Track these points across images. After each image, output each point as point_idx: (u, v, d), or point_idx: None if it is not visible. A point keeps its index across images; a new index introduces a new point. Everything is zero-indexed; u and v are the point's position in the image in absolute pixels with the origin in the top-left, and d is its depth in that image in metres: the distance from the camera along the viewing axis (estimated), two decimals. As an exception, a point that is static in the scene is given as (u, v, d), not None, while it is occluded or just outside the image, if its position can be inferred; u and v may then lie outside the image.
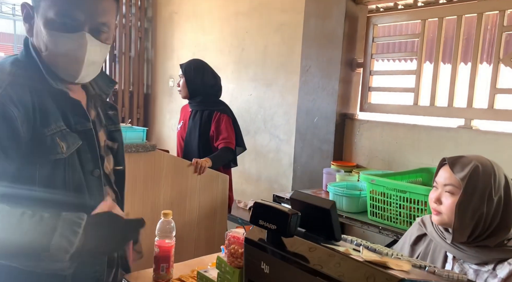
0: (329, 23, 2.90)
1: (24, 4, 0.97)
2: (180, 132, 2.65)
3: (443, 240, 1.21)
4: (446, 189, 1.19)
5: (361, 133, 2.86)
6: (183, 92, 2.58)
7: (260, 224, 0.92)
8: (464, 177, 1.14)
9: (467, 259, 1.16)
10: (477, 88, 2.39)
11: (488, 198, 1.13)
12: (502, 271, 1.10)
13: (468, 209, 1.13)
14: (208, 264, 1.37)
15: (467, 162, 1.16)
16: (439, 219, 1.20)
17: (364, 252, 0.86)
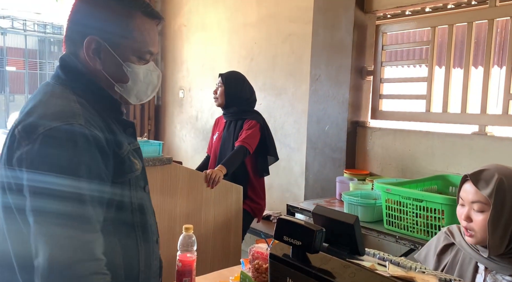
0: (338, 33, 2.91)
1: (94, 39, 0.95)
2: (215, 143, 2.70)
3: (475, 252, 1.19)
4: (474, 206, 1.17)
5: (373, 141, 2.86)
6: (219, 100, 2.62)
7: (284, 240, 0.92)
8: (491, 194, 1.12)
9: (500, 270, 1.15)
10: (490, 93, 2.39)
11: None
12: None
13: (500, 224, 1.12)
14: (230, 278, 1.38)
15: (490, 175, 1.15)
16: (474, 240, 1.18)
17: (390, 267, 0.86)
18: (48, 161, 0.83)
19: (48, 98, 0.94)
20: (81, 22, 0.98)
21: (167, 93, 4.87)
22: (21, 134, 0.86)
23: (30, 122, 0.87)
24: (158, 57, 4.93)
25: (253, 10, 3.71)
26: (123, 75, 1.00)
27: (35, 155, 0.83)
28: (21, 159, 0.84)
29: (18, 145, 0.86)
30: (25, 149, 0.84)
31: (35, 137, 0.84)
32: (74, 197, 0.83)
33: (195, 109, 4.45)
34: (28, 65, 7.85)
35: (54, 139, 0.84)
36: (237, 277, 1.25)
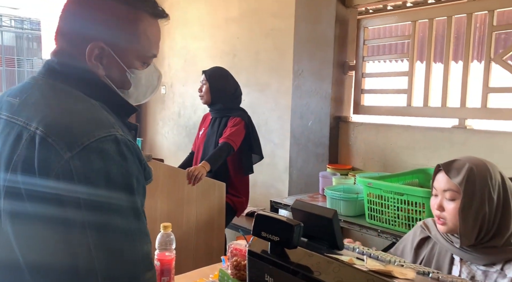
0: (320, 27, 2.91)
1: (98, 46, 0.89)
2: (200, 140, 2.67)
3: (449, 243, 1.21)
4: (446, 195, 1.19)
5: (355, 135, 2.87)
6: (205, 98, 2.59)
7: (262, 236, 0.91)
8: (461, 181, 1.14)
9: (474, 261, 1.16)
10: (470, 87, 2.41)
11: (488, 198, 1.13)
12: (511, 271, 1.10)
13: (471, 212, 1.13)
14: (210, 276, 1.36)
15: (461, 165, 1.17)
16: (445, 228, 1.20)
17: (368, 260, 0.85)
18: (103, 175, 0.77)
19: (69, 101, 0.86)
20: (83, 25, 0.91)
21: (149, 89, 4.80)
22: (56, 142, 0.78)
23: (65, 129, 0.79)
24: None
25: (235, 5, 3.67)
26: (125, 82, 0.95)
27: (87, 169, 0.77)
28: (67, 170, 0.76)
29: (51, 153, 0.77)
30: (70, 160, 0.76)
31: (79, 148, 0.77)
32: (131, 211, 0.80)
33: (178, 105, 4.39)
34: (5, 62, 7.65)
35: (103, 152, 0.79)
36: (216, 275, 1.23)
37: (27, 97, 0.88)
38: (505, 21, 2.50)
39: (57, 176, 0.77)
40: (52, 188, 0.78)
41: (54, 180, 0.77)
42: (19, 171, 0.80)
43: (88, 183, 0.77)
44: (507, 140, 2.20)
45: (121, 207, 0.79)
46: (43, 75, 0.92)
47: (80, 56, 0.91)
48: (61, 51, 0.93)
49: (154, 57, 1.00)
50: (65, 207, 0.77)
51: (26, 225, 0.82)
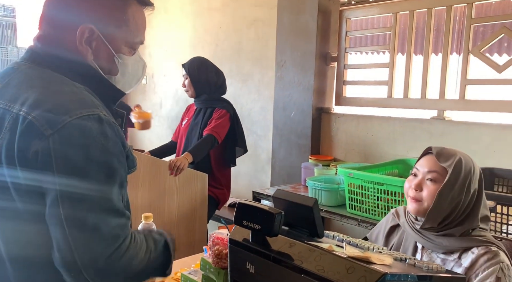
0: (302, 18, 2.91)
1: (88, 28, 0.88)
2: (183, 130, 2.64)
3: (412, 230, 1.24)
4: (428, 176, 1.20)
5: (337, 127, 2.90)
6: (190, 92, 2.57)
7: (244, 225, 0.91)
8: (450, 165, 1.17)
9: (434, 249, 1.20)
10: (449, 79, 2.46)
11: (466, 189, 1.17)
12: (466, 260, 1.14)
13: (448, 197, 1.16)
14: (191, 265, 1.36)
15: (451, 153, 1.21)
16: (418, 207, 1.21)
17: (347, 248, 0.87)
18: (81, 151, 0.77)
19: (52, 83, 0.86)
20: (72, 8, 0.90)
21: (130, 80, 4.73)
22: (38, 121, 0.78)
23: (48, 108, 0.79)
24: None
25: (218, -6, 3.64)
26: (113, 68, 0.95)
27: (66, 145, 0.77)
28: (45, 146, 0.77)
29: (33, 131, 0.77)
30: (50, 137, 0.76)
31: (60, 125, 0.77)
32: (108, 191, 0.80)
33: (159, 96, 4.34)
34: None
35: (85, 129, 0.78)
36: (198, 264, 1.23)
37: (9, 81, 0.88)
38: (484, 14, 2.55)
39: (36, 153, 0.77)
40: (30, 167, 0.78)
41: (32, 157, 0.77)
42: (3, 155, 0.80)
43: (66, 159, 0.77)
44: (484, 131, 2.25)
45: (96, 186, 0.79)
46: (26, 60, 0.91)
47: (67, 40, 0.90)
48: (46, 36, 0.92)
49: (141, 43, 0.99)
50: (42, 183, 0.78)
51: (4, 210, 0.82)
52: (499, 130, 2.20)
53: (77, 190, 0.77)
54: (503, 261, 1.12)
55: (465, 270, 1.13)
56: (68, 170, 0.77)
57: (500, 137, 2.19)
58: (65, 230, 0.76)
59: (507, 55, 2.64)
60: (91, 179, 0.78)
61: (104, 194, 0.80)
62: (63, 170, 0.77)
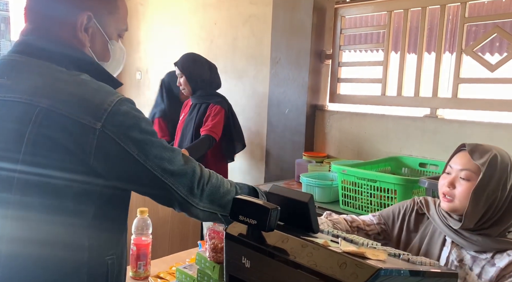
0: (298, 15, 2.91)
1: (86, 15, 0.91)
2: (179, 126, 2.65)
3: (445, 225, 1.21)
4: (462, 174, 1.18)
5: (331, 124, 2.91)
6: (186, 90, 2.57)
7: (240, 219, 0.92)
8: (484, 163, 1.14)
9: (466, 246, 1.18)
10: (442, 78, 2.48)
11: (502, 186, 1.14)
12: (501, 261, 1.12)
13: (483, 196, 1.13)
14: (186, 260, 1.37)
15: (486, 149, 1.17)
16: (451, 206, 1.19)
17: (342, 243, 0.88)
18: (137, 129, 0.86)
19: (66, 77, 0.86)
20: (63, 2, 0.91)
21: (123, 75, 4.70)
22: (80, 117, 0.81)
23: (81, 102, 0.83)
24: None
25: (213, -10, 3.63)
26: (106, 54, 0.99)
27: (122, 128, 0.85)
28: (106, 137, 0.83)
29: (81, 128, 0.81)
30: (103, 129, 0.82)
31: (105, 115, 0.83)
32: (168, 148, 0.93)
33: (154, 92, 4.32)
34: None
35: (126, 112, 0.86)
36: (193, 258, 1.24)
37: (17, 75, 0.87)
38: (476, 13, 2.57)
39: (98, 147, 0.82)
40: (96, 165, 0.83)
41: (95, 154, 0.82)
42: (38, 149, 0.81)
43: (131, 139, 0.85)
44: (476, 129, 2.28)
45: (161, 147, 0.89)
46: (22, 53, 0.90)
47: (62, 31, 0.91)
48: (39, 29, 0.91)
49: (126, 30, 1.03)
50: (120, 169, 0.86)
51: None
52: (491, 128, 2.23)
53: (159, 154, 0.89)
54: None
55: (500, 270, 1.11)
56: (139, 146, 0.86)
57: (492, 136, 2.22)
58: (172, 188, 0.90)
59: (499, 55, 2.67)
60: (155, 143, 0.89)
61: (167, 147, 0.92)
62: (135, 148, 0.86)
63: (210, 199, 0.97)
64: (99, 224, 0.89)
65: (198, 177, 0.94)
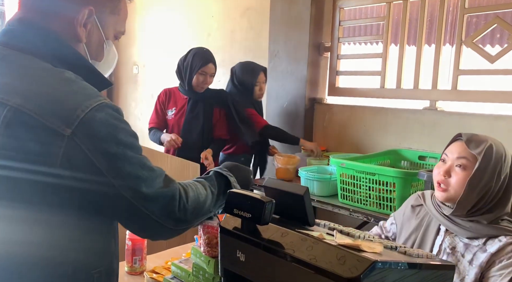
0: (296, 7, 2.88)
1: (89, 9, 0.88)
2: (175, 120, 2.57)
3: (439, 213, 1.23)
4: (458, 162, 1.19)
5: (329, 117, 2.89)
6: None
7: (234, 213, 0.90)
8: (480, 152, 1.15)
9: (459, 233, 1.19)
10: (441, 70, 2.45)
11: (497, 176, 1.16)
12: (492, 246, 1.13)
13: (478, 185, 1.15)
14: (182, 255, 1.36)
15: (482, 139, 1.19)
16: (445, 196, 1.21)
17: (337, 236, 0.86)
18: (113, 141, 0.79)
19: (46, 74, 0.81)
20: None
21: (120, 69, 4.68)
22: (50, 121, 0.75)
23: (55, 104, 0.76)
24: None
25: (210, -18, 3.59)
26: (100, 53, 0.95)
27: (94, 139, 0.77)
28: (74, 146, 0.75)
29: (48, 133, 0.75)
30: (73, 137, 0.75)
31: (77, 122, 0.75)
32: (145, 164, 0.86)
33: (151, 86, 4.30)
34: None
35: (102, 120, 0.78)
36: (189, 253, 1.22)
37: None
38: (477, 4, 2.54)
39: (65, 155, 0.75)
40: (62, 171, 0.76)
41: (62, 161, 0.75)
42: (6, 150, 0.76)
43: (102, 151, 0.77)
44: (476, 121, 2.26)
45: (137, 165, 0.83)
46: (5, 45, 0.85)
47: (55, 22, 0.87)
48: (30, 19, 0.87)
49: (123, 34, 1.00)
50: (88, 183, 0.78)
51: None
52: (491, 120, 2.21)
53: (134, 172, 0.81)
54: None
55: (490, 255, 1.13)
56: (111, 160, 0.78)
57: (492, 128, 2.20)
58: (143, 212, 0.83)
59: (500, 46, 2.65)
60: (131, 159, 0.82)
61: (146, 165, 0.85)
62: (106, 162, 0.78)
63: (195, 213, 0.93)
64: (82, 236, 0.83)
65: (177, 199, 0.88)
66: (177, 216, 0.88)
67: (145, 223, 0.85)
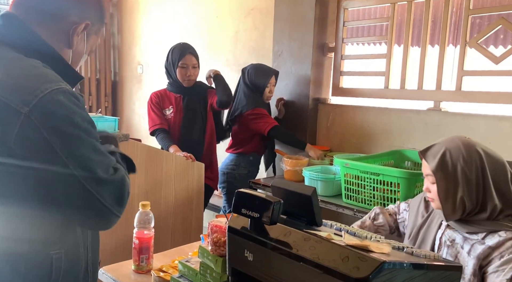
0: (300, 7, 2.88)
1: (86, 24, 0.97)
2: (175, 120, 2.57)
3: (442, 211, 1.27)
4: (428, 179, 1.26)
5: (333, 117, 2.90)
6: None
7: (242, 213, 0.91)
8: (435, 166, 1.20)
9: (460, 229, 1.22)
10: (445, 70, 2.46)
11: (463, 177, 1.17)
12: (491, 240, 1.15)
13: (448, 194, 1.18)
14: (189, 253, 1.37)
15: (437, 150, 1.23)
16: (434, 206, 1.27)
17: (345, 236, 0.87)
18: (69, 122, 0.82)
19: (9, 60, 0.87)
20: (74, 5, 0.96)
21: (125, 68, 4.69)
22: (8, 99, 0.80)
23: (15, 85, 0.82)
24: (114, 30, 4.71)
25: (214, -18, 3.60)
26: (77, 63, 1.03)
27: (51, 119, 0.80)
28: (30, 124, 0.79)
29: (6, 110, 0.79)
30: (29, 114, 0.79)
31: (35, 101, 0.80)
32: (96, 146, 0.87)
33: (155, 85, 4.31)
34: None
35: (60, 102, 0.82)
36: (195, 252, 1.23)
37: None
38: (481, 5, 2.54)
39: (20, 134, 0.79)
40: (16, 150, 0.79)
41: (16, 139, 0.79)
42: None
43: (58, 131, 0.81)
44: (480, 122, 2.26)
45: (91, 149, 0.84)
46: None
47: (45, 27, 0.93)
48: (14, 15, 0.92)
49: (91, 54, 1.09)
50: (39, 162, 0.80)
51: None
52: (495, 121, 2.21)
53: (87, 155, 0.83)
54: None
55: (488, 247, 1.14)
56: (65, 141, 0.81)
57: (496, 129, 2.20)
58: (94, 196, 0.83)
59: (504, 47, 2.64)
60: (86, 142, 0.84)
61: (100, 150, 0.87)
62: (60, 141, 0.80)
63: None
64: (40, 216, 0.86)
65: (126, 186, 0.90)
66: (124, 202, 0.89)
67: (95, 210, 0.84)
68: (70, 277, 0.92)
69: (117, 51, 4.75)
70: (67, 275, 0.91)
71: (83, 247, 0.95)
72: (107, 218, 0.86)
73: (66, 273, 0.90)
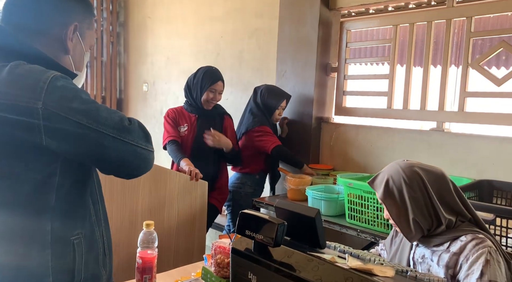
0: (304, 29, 2.93)
1: (75, 25, 1.00)
2: (187, 136, 2.60)
3: None
4: (384, 206, 1.30)
5: (336, 136, 2.91)
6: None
7: (246, 234, 0.92)
8: (382, 195, 1.26)
9: (427, 244, 1.26)
10: (448, 91, 2.48)
11: (411, 201, 1.22)
12: (455, 246, 1.20)
13: (402, 218, 1.23)
14: (192, 274, 1.36)
15: (381, 178, 1.28)
16: (397, 229, 1.31)
17: (349, 259, 0.87)
18: (78, 100, 0.89)
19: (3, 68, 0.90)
20: (58, 8, 0.99)
21: (130, 86, 4.75)
22: (20, 99, 0.85)
23: (17, 84, 0.86)
24: (121, 49, 4.79)
25: (219, 3, 3.67)
26: (81, 64, 1.06)
27: (65, 101, 0.87)
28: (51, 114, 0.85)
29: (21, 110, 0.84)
30: (45, 106, 0.85)
31: (43, 92, 0.85)
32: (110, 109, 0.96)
33: (160, 103, 4.36)
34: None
35: (63, 87, 0.88)
36: (199, 273, 1.23)
37: None
38: (482, 27, 2.58)
39: (47, 126, 0.85)
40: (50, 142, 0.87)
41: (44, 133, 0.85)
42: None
43: (75, 109, 0.87)
44: (483, 143, 2.27)
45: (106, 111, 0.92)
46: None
47: (38, 36, 0.96)
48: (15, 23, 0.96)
49: (93, 46, 1.15)
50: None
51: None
52: (498, 142, 2.22)
53: (104, 117, 0.91)
54: (491, 246, 1.17)
55: (452, 254, 1.19)
56: (87, 114, 0.88)
57: (498, 150, 2.21)
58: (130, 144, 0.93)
59: (506, 69, 2.67)
60: (99, 108, 0.92)
61: (112, 109, 0.95)
62: (84, 117, 0.88)
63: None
64: (60, 210, 0.93)
65: (143, 126, 0.99)
66: (151, 139, 0.99)
67: (137, 156, 0.94)
68: (91, 258, 1.00)
69: (123, 70, 4.81)
70: (89, 257, 0.99)
71: (98, 231, 1.03)
72: (148, 157, 0.96)
73: (88, 254, 0.99)
